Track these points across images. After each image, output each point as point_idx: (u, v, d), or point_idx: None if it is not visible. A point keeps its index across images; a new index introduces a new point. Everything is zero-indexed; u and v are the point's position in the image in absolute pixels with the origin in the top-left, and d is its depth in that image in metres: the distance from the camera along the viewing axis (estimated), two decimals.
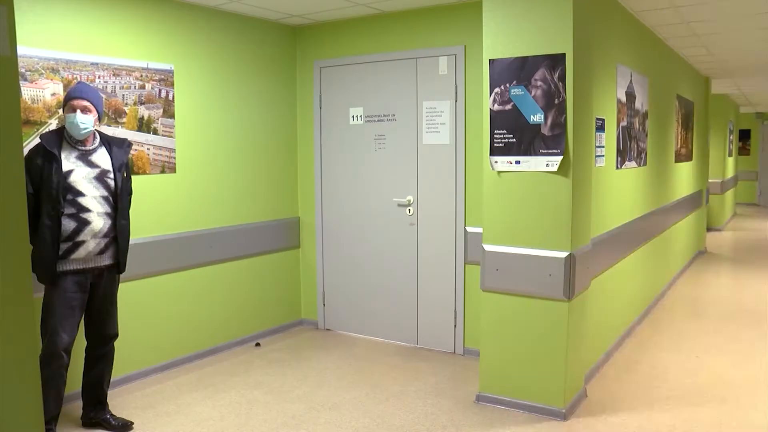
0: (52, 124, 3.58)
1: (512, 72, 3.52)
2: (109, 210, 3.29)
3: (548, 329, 3.53)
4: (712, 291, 6.86)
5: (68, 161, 3.20)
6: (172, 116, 4.30)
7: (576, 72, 3.40)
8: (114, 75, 3.93)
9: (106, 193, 3.28)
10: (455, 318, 4.69)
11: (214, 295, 4.68)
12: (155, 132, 4.19)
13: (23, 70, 3.45)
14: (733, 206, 14.00)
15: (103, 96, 3.72)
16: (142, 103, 4.09)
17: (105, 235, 3.29)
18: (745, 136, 16.24)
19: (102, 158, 3.31)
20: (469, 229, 4.56)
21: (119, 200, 3.33)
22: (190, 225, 4.46)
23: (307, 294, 5.45)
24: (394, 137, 4.85)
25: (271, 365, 4.47)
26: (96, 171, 3.27)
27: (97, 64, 3.83)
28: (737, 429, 3.42)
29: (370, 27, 4.87)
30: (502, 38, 3.55)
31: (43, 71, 3.56)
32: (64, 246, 3.17)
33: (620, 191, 4.75)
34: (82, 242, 3.22)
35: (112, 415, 3.48)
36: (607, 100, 4.30)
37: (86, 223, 3.22)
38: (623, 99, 4.68)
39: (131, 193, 3.49)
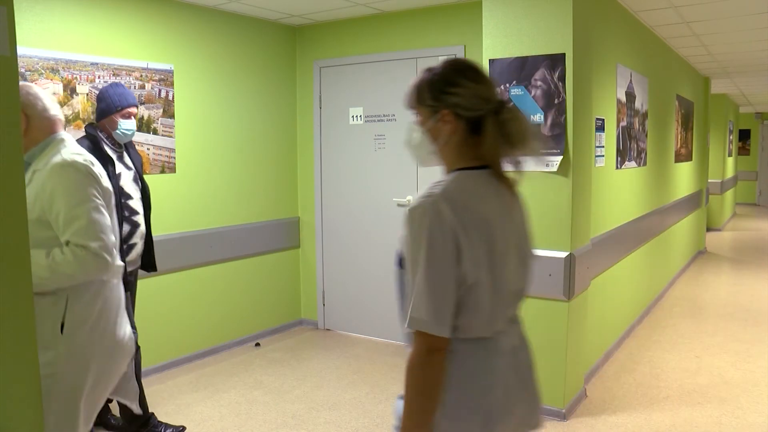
0: None
1: (512, 72, 3.52)
2: (144, 211, 3.26)
3: (548, 329, 3.53)
4: (711, 291, 6.85)
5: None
6: (172, 116, 4.30)
7: (576, 72, 3.40)
8: (114, 75, 3.93)
9: (140, 195, 3.24)
10: None
11: (214, 295, 4.68)
12: (155, 132, 4.19)
13: (23, 70, 3.45)
14: (732, 206, 14.01)
15: None
16: (142, 103, 4.09)
17: (143, 237, 3.25)
18: (744, 136, 16.24)
19: (128, 161, 3.25)
20: None
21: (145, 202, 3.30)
22: (189, 225, 4.46)
23: (307, 294, 5.45)
24: (394, 137, 4.85)
25: (271, 365, 4.47)
26: (132, 173, 3.22)
27: (97, 64, 3.83)
28: (737, 429, 3.43)
29: (370, 27, 4.87)
30: (501, 38, 3.55)
31: (43, 71, 3.56)
32: None
33: (620, 191, 4.75)
34: (134, 245, 3.18)
35: (112, 414, 3.48)
36: (607, 100, 4.30)
37: (137, 225, 3.18)
38: (623, 99, 4.68)
39: None
